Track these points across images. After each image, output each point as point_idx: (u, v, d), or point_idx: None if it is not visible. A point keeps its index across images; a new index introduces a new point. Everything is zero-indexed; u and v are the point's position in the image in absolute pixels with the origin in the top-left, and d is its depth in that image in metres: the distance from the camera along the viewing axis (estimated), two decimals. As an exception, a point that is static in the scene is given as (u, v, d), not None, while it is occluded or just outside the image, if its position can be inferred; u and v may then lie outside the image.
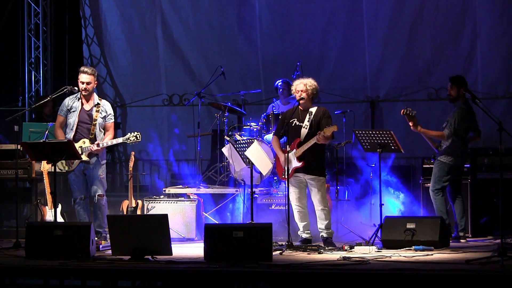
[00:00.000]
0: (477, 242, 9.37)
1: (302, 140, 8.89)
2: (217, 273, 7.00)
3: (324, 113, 8.94)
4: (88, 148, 9.00)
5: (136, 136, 9.08)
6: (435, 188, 9.36)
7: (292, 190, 8.96)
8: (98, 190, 9.10)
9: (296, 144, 8.89)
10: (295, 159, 8.87)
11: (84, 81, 9.11)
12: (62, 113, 9.24)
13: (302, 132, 8.91)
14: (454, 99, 9.44)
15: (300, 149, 8.83)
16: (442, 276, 6.68)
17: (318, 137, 8.68)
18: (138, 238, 7.79)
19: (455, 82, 9.44)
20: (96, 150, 9.00)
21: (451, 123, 9.28)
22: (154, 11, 12.95)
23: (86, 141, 9.06)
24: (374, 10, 12.21)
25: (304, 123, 8.92)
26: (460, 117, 9.27)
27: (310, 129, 8.88)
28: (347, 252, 8.27)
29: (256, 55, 12.67)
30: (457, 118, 9.27)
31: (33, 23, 12.97)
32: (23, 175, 10.02)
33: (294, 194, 8.98)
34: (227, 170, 10.78)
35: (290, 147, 8.93)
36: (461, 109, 9.35)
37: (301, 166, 8.83)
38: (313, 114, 8.93)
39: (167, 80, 13.02)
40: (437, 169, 9.39)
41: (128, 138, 9.10)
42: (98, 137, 9.13)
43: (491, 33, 11.82)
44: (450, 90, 9.45)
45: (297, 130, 8.95)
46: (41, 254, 7.80)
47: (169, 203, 10.00)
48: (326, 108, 9.05)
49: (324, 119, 8.88)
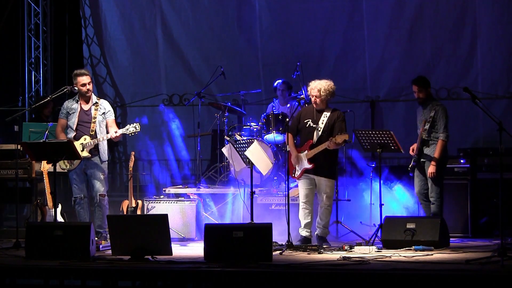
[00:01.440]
0: (477, 242, 9.37)
1: (314, 143, 8.91)
2: (217, 273, 7.00)
3: (338, 117, 8.96)
4: (90, 143, 9.00)
5: (135, 127, 9.09)
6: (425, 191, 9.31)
7: (301, 187, 9.02)
8: (100, 190, 9.11)
9: (309, 146, 8.92)
10: (306, 160, 8.90)
11: (85, 82, 9.15)
12: (63, 116, 9.26)
13: (315, 134, 8.94)
14: (425, 100, 9.32)
15: (312, 151, 8.87)
16: (442, 276, 6.69)
17: (329, 144, 8.72)
18: (138, 238, 7.79)
19: (420, 84, 9.30)
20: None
21: (444, 125, 9.18)
22: (154, 11, 12.95)
23: (87, 137, 9.07)
24: (374, 10, 12.21)
25: (318, 125, 8.95)
26: (445, 115, 9.21)
27: (323, 132, 8.91)
28: (347, 252, 8.27)
29: (256, 55, 12.67)
30: (444, 117, 9.19)
31: (33, 23, 12.97)
32: (23, 175, 10.02)
33: (302, 191, 9.02)
34: (227, 170, 10.78)
35: (302, 148, 8.97)
36: (444, 108, 9.26)
37: (311, 168, 8.86)
38: (328, 117, 8.96)
39: (167, 80, 13.02)
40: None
41: (127, 129, 9.11)
42: (98, 134, 9.14)
43: (491, 33, 11.82)
44: (419, 93, 9.27)
45: (311, 131, 8.97)
46: (41, 254, 7.80)
47: (169, 203, 9.99)
48: (341, 112, 9.07)
49: (338, 123, 8.90)
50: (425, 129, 9.21)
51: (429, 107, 9.26)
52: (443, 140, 9.16)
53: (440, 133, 9.17)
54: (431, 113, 9.20)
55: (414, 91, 9.36)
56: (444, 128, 9.17)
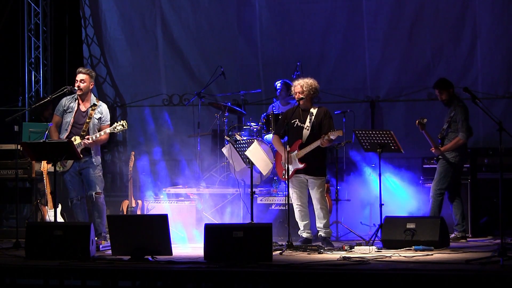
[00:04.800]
0: (477, 242, 9.37)
1: (303, 142, 8.88)
2: (217, 273, 7.00)
3: (325, 114, 8.92)
4: (81, 144, 8.97)
5: (122, 125, 9.03)
6: (439, 188, 9.35)
7: (293, 189, 8.96)
8: (95, 189, 9.08)
9: (298, 146, 8.89)
10: (296, 161, 8.86)
11: (78, 79, 9.14)
12: (59, 113, 9.25)
13: (304, 133, 8.90)
14: (449, 101, 9.47)
15: (303, 151, 8.83)
16: (442, 276, 6.68)
17: (322, 141, 8.68)
18: (138, 238, 7.79)
19: (441, 87, 9.46)
20: (89, 144, 8.95)
21: (461, 124, 9.28)
22: (154, 11, 12.95)
23: (77, 138, 9.02)
24: (374, 10, 12.21)
25: (305, 124, 8.91)
26: (465, 115, 9.32)
27: (312, 130, 8.87)
28: (347, 252, 8.27)
29: (256, 55, 12.67)
30: (464, 117, 9.30)
31: (33, 23, 12.96)
32: (23, 175, 10.03)
33: (295, 193, 8.98)
34: (227, 170, 10.77)
35: (291, 148, 8.93)
36: (462, 107, 9.37)
37: (303, 167, 8.84)
38: (314, 115, 8.92)
39: (167, 80, 13.01)
40: (443, 169, 9.37)
41: (115, 127, 9.05)
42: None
43: (491, 33, 11.82)
44: (441, 96, 9.49)
45: (299, 131, 8.94)
46: (41, 254, 7.80)
47: (169, 203, 9.99)
48: (327, 109, 9.04)
49: (325, 120, 8.87)
50: (443, 128, 9.40)
51: (452, 108, 9.42)
52: (460, 138, 9.27)
53: (459, 132, 9.27)
54: (452, 113, 9.35)
55: (436, 94, 9.59)
56: (462, 127, 9.26)
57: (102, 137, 9.05)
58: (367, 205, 10.39)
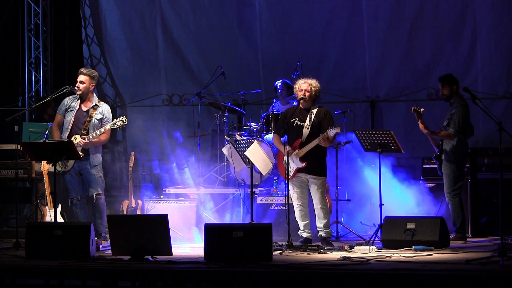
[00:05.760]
0: (477, 242, 9.37)
1: (304, 141, 8.89)
2: (217, 273, 7.00)
3: (326, 114, 8.93)
4: (79, 144, 8.96)
5: (122, 120, 9.01)
6: (453, 189, 9.34)
7: (293, 189, 8.96)
8: (96, 189, 9.07)
9: (298, 145, 8.89)
10: (297, 160, 8.87)
11: (77, 80, 9.15)
12: (61, 112, 9.25)
13: (304, 132, 8.91)
14: (448, 97, 9.50)
15: (303, 149, 8.83)
16: (442, 276, 6.68)
17: (321, 140, 8.69)
18: (138, 238, 7.79)
19: (445, 81, 9.50)
20: (85, 144, 8.95)
21: (455, 122, 9.29)
22: (154, 11, 12.95)
23: (77, 137, 9.01)
24: (374, 10, 12.21)
25: (305, 123, 8.92)
26: (463, 114, 9.30)
27: (312, 129, 8.87)
28: (347, 252, 8.27)
29: (256, 55, 12.67)
30: (461, 116, 9.29)
31: (33, 23, 12.96)
32: (23, 175, 10.04)
33: (295, 193, 8.99)
34: (227, 170, 10.77)
35: (292, 147, 8.93)
36: (462, 106, 9.38)
37: (304, 166, 8.84)
38: (315, 114, 8.93)
39: (167, 80, 13.01)
40: (450, 170, 9.36)
41: (115, 123, 9.03)
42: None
43: (491, 33, 11.82)
44: (443, 90, 9.52)
45: (299, 130, 8.94)
46: (41, 254, 7.80)
47: (169, 203, 10.00)
48: (327, 108, 9.05)
49: (325, 119, 8.88)
50: (443, 125, 9.42)
51: (453, 106, 9.42)
52: (450, 132, 9.25)
53: (450, 127, 9.28)
54: (452, 111, 9.39)
55: (439, 88, 9.63)
56: (455, 124, 9.28)
57: (102, 136, 9.04)
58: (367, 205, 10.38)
